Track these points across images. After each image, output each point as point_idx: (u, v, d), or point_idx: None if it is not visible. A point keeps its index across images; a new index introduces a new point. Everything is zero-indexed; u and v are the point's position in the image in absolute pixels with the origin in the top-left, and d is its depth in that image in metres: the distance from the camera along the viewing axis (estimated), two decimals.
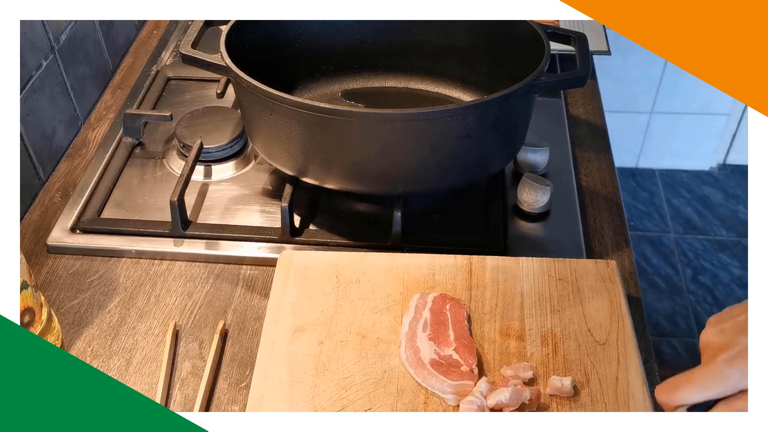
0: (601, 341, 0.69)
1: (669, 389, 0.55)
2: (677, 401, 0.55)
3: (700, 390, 0.54)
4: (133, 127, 0.96)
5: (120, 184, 0.91)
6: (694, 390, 0.54)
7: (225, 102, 1.03)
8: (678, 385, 0.55)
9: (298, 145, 0.78)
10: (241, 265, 0.83)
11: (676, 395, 0.54)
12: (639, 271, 0.84)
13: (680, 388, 0.54)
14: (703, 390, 0.54)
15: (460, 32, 0.93)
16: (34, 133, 0.91)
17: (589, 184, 0.93)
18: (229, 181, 0.92)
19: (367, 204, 0.88)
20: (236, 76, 0.77)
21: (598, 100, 1.09)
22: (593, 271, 0.75)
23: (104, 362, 0.73)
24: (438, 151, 0.77)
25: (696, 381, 0.54)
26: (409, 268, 0.76)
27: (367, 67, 0.99)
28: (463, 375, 0.65)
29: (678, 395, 0.54)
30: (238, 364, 0.73)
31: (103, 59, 1.10)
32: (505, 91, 0.74)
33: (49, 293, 0.79)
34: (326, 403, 0.64)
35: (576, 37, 0.84)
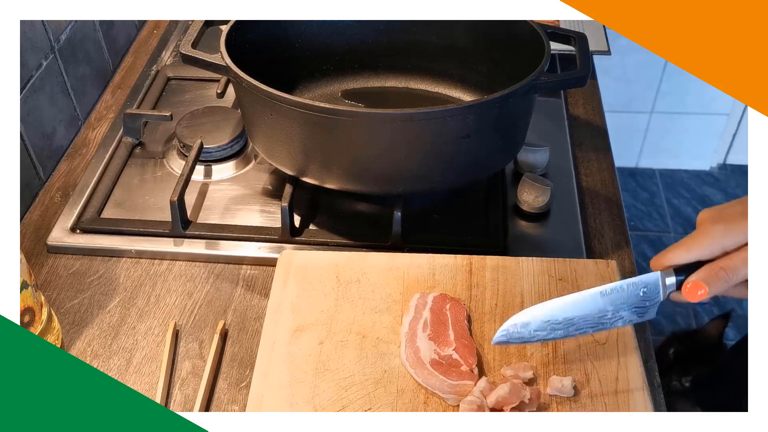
0: (601, 341, 0.69)
1: (662, 253, 0.61)
2: (668, 260, 0.60)
3: (688, 248, 0.59)
4: (133, 126, 0.96)
5: (120, 183, 0.91)
6: (682, 249, 0.60)
7: (225, 102, 1.03)
8: (669, 249, 0.60)
9: (298, 145, 0.78)
10: (241, 265, 0.83)
11: (666, 256, 0.60)
12: (639, 271, 0.84)
13: (671, 249, 0.60)
14: (690, 247, 0.59)
15: (460, 32, 0.93)
16: (34, 133, 0.91)
17: (589, 184, 0.93)
18: (229, 181, 0.92)
19: (367, 204, 0.88)
20: (236, 76, 0.77)
21: (598, 100, 1.09)
22: (593, 271, 0.75)
23: (104, 362, 0.73)
24: (438, 151, 0.77)
25: (684, 241, 0.60)
26: (409, 268, 0.76)
27: (367, 67, 0.99)
28: (463, 375, 0.65)
29: (669, 255, 0.60)
30: (238, 364, 0.73)
31: (103, 59, 1.10)
32: (505, 91, 0.74)
33: (49, 293, 0.79)
34: (326, 403, 0.64)
35: (576, 37, 0.84)
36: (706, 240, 0.59)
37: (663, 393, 0.72)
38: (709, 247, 0.58)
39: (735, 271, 0.57)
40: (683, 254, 0.59)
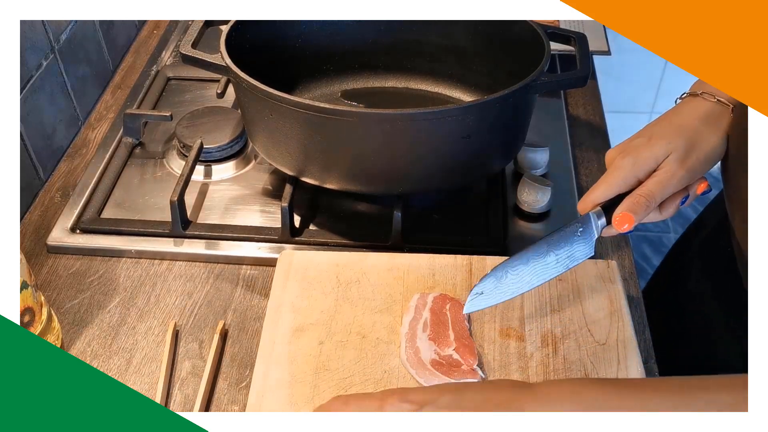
0: (601, 341, 0.69)
1: (585, 196, 0.66)
2: (591, 200, 0.65)
3: (606, 185, 0.65)
4: (133, 126, 0.96)
5: (120, 184, 0.91)
6: (601, 187, 0.65)
7: (225, 102, 1.03)
8: (591, 191, 0.66)
9: (298, 145, 0.78)
10: (241, 265, 0.83)
11: (590, 197, 0.66)
12: (639, 272, 0.84)
13: (592, 191, 0.66)
14: (607, 184, 0.65)
15: (460, 32, 0.93)
16: (34, 133, 0.91)
17: (589, 185, 0.93)
18: (229, 181, 0.92)
19: (367, 204, 0.88)
20: (236, 76, 0.77)
21: (598, 100, 1.09)
22: (593, 271, 0.75)
23: (104, 362, 0.73)
24: (438, 151, 0.77)
25: (602, 180, 0.65)
26: (409, 268, 0.76)
27: (367, 67, 0.99)
28: (464, 374, 0.65)
29: (591, 195, 0.65)
30: (238, 364, 0.73)
31: (103, 59, 1.10)
32: (505, 91, 0.74)
33: (49, 293, 0.79)
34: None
35: (576, 37, 0.84)
36: (619, 173, 0.65)
37: None
38: (624, 179, 0.65)
39: (652, 195, 0.64)
40: (604, 191, 0.65)
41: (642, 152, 0.64)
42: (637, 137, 0.67)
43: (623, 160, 0.65)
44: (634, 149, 0.65)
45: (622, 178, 0.64)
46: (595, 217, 0.66)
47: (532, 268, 0.65)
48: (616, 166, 0.65)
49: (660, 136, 0.65)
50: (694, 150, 0.64)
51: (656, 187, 0.64)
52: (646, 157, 0.64)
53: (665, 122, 0.68)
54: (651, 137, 0.66)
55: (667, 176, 0.64)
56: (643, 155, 0.64)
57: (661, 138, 0.65)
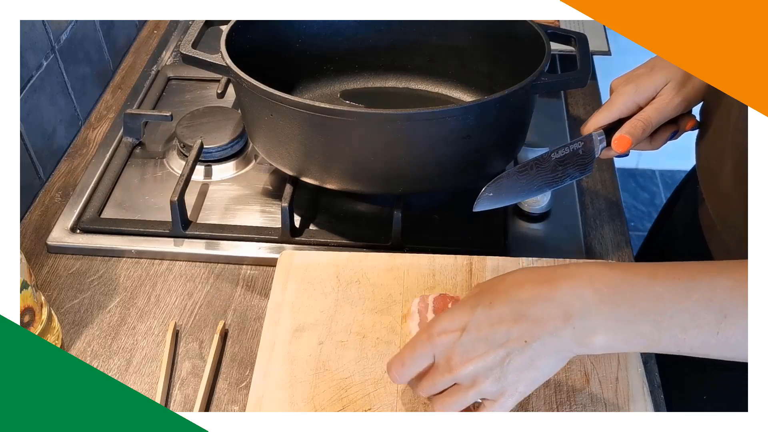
0: None
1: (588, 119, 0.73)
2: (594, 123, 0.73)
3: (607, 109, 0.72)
4: (133, 126, 0.96)
5: (120, 184, 0.91)
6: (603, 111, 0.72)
7: (225, 102, 1.03)
8: (594, 114, 0.73)
9: (298, 145, 0.78)
10: (241, 265, 0.83)
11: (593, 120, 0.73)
12: None
13: (595, 115, 0.73)
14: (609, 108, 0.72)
15: (460, 32, 0.93)
16: (34, 133, 0.91)
17: (589, 185, 0.93)
18: (229, 181, 0.92)
19: (367, 204, 0.88)
20: (236, 76, 0.77)
21: (598, 101, 1.09)
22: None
23: (104, 362, 0.73)
24: (438, 151, 0.77)
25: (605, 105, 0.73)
26: (409, 268, 0.76)
27: (367, 67, 0.99)
28: None
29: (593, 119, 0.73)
30: (238, 364, 0.73)
31: (103, 59, 1.10)
32: (505, 91, 0.74)
33: (49, 293, 0.79)
34: (326, 403, 0.64)
35: (576, 37, 0.84)
36: (621, 99, 0.71)
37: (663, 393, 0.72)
38: (625, 104, 0.71)
39: (649, 120, 0.70)
40: (606, 115, 0.71)
41: (643, 80, 0.70)
42: (641, 68, 0.73)
43: (625, 87, 0.71)
44: (636, 78, 0.71)
45: (623, 102, 0.70)
46: (597, 138, 0.71)
47: (536, 175, 0.70)
48: (618, 92, 0.71)
49: (661, 66, 0.71)
50: (690, 79, 0.69)
51: (654, 112, 0.69)
52: (646, 84, 0.70)
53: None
54: (653, 68, 0.71)
55: (665, 102, 0.70)
56: (644, 83, 0.70)
57: (661, 68, 0.71)
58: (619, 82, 0.73)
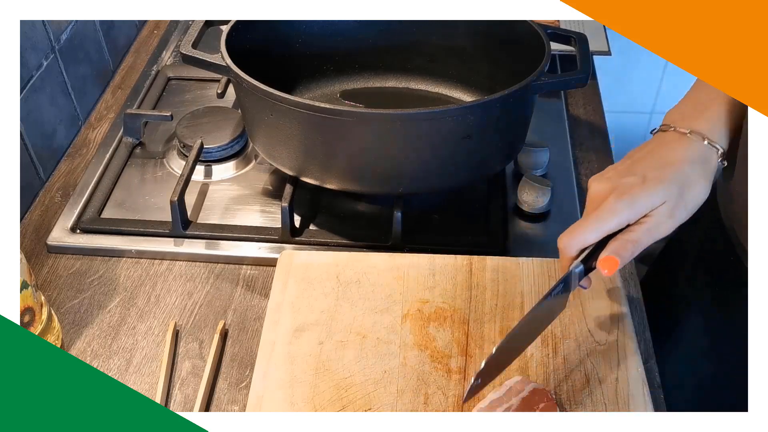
0: (601, 342, 0.69)
1: (570, 234, 0.62)
2: (580, 243, 0.62)
3: (596, 228, 0.61)
4: (133, 126, 0.96)
5: (120, 184, 0.91)
6: (591, 229, 0.61)
7: (225, 102, 1.03)
8: (578, 229, 0.62)
9: (299, 145, 0.78)
10: (241, 265, 0.83)
11: (577, 236, 0.62)
12: (637, 272, 0.84)
13: (580, 230, 0.61)
14: (598, 228, 0.61)
15: (460, 32, 0.93)
16: (34, 133, 0.91)
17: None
18: (229, 181, 0.92)
19: (367, 204, 0.88)
20: (237, 76, 0.77)
21: (599, 101, 1.09)
22: (593, 271, 0.75)
23: (104, 362, 0.73)
24: (438, 151, 0.77)
25: (591, 221, 0.61)
26: (409, 268, 0.76)
27: (367, 67, 0.99)
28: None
29: (579, 236, 0.62)
30: (238, 364, 0.73)
31: (103, 59, 1.10)
32: (505, 91, 0.74)
33: (49, 293, 0.79)
34: (326, 403, 0.64)
35: (576, 37, 0.84)
36: (614, 218, 0.61)
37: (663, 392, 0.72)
38: (617, 224, 0.61)
39: (640, 242, 0.61)
40: (596, 233, 0.62)
41: (639, 197, 0.61)
42: (628, 174, 0.63)
43: (617, 202, 0.61)
44: (627, 190, 0.61)
45: (616, 223, 0.61)
46: (576, 273, 0.63)
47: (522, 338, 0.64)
48: (609, 208, 0.61)
49: (655, 179, 0.61)
50: (683, 198, 0.62)
51: (645, 235, 0.61)
52: (643, 203, 0.61)
53: (657, 161, 0.63)
54: (645, 179, 0.61)
55: (656, 225, 0.61)
56: (640, 201, 0.61)
57: (657, 182, 0.61)
58: (605, 190, 0.62)
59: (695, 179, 0.63)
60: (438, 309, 0.72)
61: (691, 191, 0.63)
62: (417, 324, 0.71)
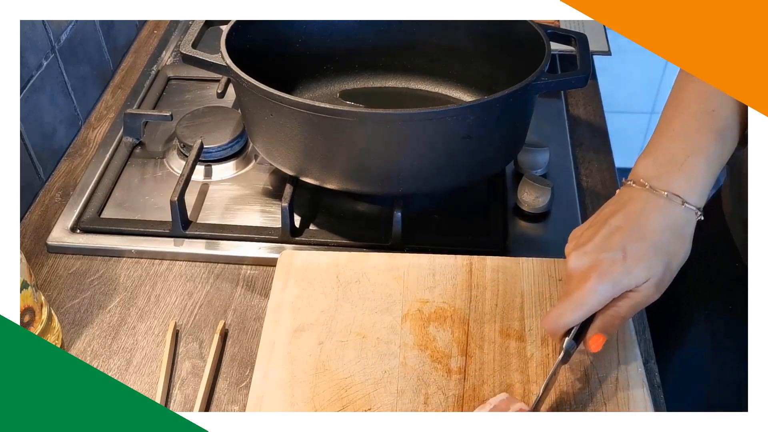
0: None
1: (554, 317, 0.61)
2: (565, 325, 0.61)
3: (580, 310, 0.60)
4: (133, 126, 0.96)
5: (120, 183, 0.91)
6: (576, 310, 0.60)
7: (225, 102, 1.03)
8: (561, 312, 0.61)
9: (299, 145, 0.78)
10: (241, 265, 0.83)
11: (561, 320, 0.61)
12: None
13: (564, 313, 0.61)
14: (583, 308, 0.60)
15: (460, 32, 0.93)
16: (34, 133, 0.91)
17: (589, 185, 0.93)
18: (229, 181, 0.92)
19: (367, 204, 0.88)
20: (236, 76, 0.77)
21: (599, 101, 1.09)
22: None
23: (104, 362, 0.73)
24: (438, 151, 0.77)
25: (576, 302, 0.60)
26: (409, 268, 0.76)
27: (367, 67, 0.99)
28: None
29: (564, 320, 0.61)
30: (238, 364, 0.73)
31: (103, 59, 1.10)
32: (505, 91, 0.74)
33: (49, 293, 0.79)
34: (326, 403, 0.64)
35: (576, 37, 0.84)
36: (596, 299, 0.60)
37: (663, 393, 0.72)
38: (600, 304, 0.60)
39: (625, 317, 0.61)
40: (579, 314, 0.60)
41: (621, 278, 0.59)
42: (607, 248, 0.60)
43: (600, 284, 0.59)
44: (609, 269, 0.59)
45: (598, 303, 0.60)
46: (569, 347, 0.62)
47: None
48: (592, 290, 0.59)
49: (637, 257, 0.59)
50: (668, 271, 0.61)
51: (630, 310, 0.61)
52: (626, 283, 0.59)
53: (636, 231, 0.61)
54: (626, 256, 0.59)
55: (643, 300, 0.61)
56: (623, 282, 0.59)
57: (639, 260, 0.59)
58: (586, 268, 0.60)
59: (678, 247, 0.61)
60: (438, 309, 0.72)
61: (675, 261, 0.61)
62: (417, 324, 0.71)
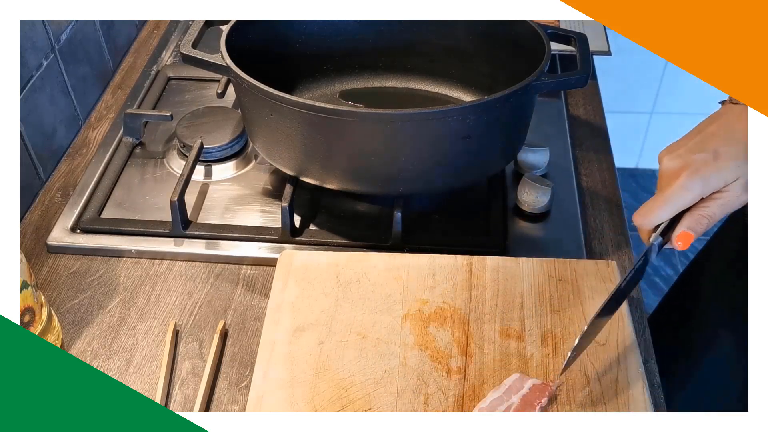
0: (601, 342, 0.69)
1: (644, 212, 0.63)
2: (654, 220, 0.63)
3: (669, 206, 0.62)
4: (133, 126, 0.96)
5: (120, 183, 0.91)
6: (665, 207, 0.62)
7: (225, 102, 1.03)
8: (652, 207, 0.63)
9: (298, 145, 0.78)
10: (241, 265, 0.83)
11: (651, 215, 0.63)
12: None
13: (654, 208, 0.63)
14: (673, 204, 0.62)
15: (460, 32, 0.93)
16: (34, 133, 0.91)
17: (589, 185, 0.93)
18: (229, 181, 0.92)
19: (367, 204, 0.88)
20: (236, 76, 0.77)
21: (599, 101, 1.09)
22: (593, 271, 0.75)
23: (104, 362, 0.73)
24: (438, 151, 0.77)
25: (666, 198, 0.62)
26: (409, 268, 0.76)
27: (367, 67, 0.99)
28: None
29: (653, 214, 0.63)
30: (238, 364, 0.73)
31: (103, 59, 1.10)
32: (505, 91, 0.74)
33: (49, 293, 0.79)
34: (326, 403, 0.64)
35: (576, 37, 0.84)
36: (687, 195, 0.62)
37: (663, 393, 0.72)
38: (691, 201, 0.62)
39: (714, 216, 0.62)
40: (669, 210, 0.63)
41: (712, 174, 0.61)
42: (699, 150, 0.62)
43: (690, 180, 0.61)
44: (700, 168, 0.61)
45: (689, 200, 0.62)
46: (656, 245, 0.64)
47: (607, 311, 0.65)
48: (682, 186, 0.61)
49: (727, 156, 0.61)
50: None
51: (720, 209, 0.62)
52: (716, 180, 0.61)
53: (728, 135, 0.63)
54: (717, 156, 0.61)
55: (732, 199, 0.62)
56: (713, 179, 0.61)
57: (730, 159, 0.61)
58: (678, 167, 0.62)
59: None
60: (438, 309, 0.72)
61: None
62: (417, 324, 0.71)
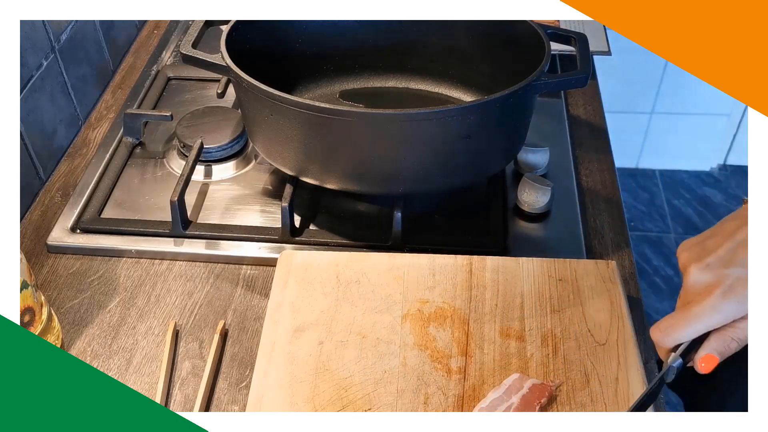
0: (601, 342, 0.69)
1: (665, 328, 0.56)
2: (677, 339, 0.56)
3: (698, 325, 0.55)
4: (133, 126, 0.96)
5: (120, 183, 0.91)
6: (692, 326, 0.55)
7: (225, 102, 1.03)
8: (675, 325, 0.56)
9: (298, 145, 0.78)
10: (241, 265, 0.83)
11: (673, 333, 0.56)
12: (639, 272, 0.84)
13: (677, 326, 0.56)
14: (699, 325, 0.55)
15: (460, 32, 0.93)
16: (34, 133, 0.91)
17: (589, 185, 0.93)
18: (229, 181, 0.92)
19: (367, 204, 0.88)
20: (236, 76, 0.77)
21: (599, 101, 1.09)
22: (593, 271, 0.75)
23: (104, 362, 0.73)
24: (438, 151, 0.77)
25: (693, 317, 0.55)
26: (409, 268, 0.76)
27: (367, 67, 0.99)
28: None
29: (676, 334, 0.56)
30: (238, 364, 0.73)
31: (103, 59, 1.10)
32: (505, 91, 0.74)
33: (49, 293, 0.79)
34: (326, 403, 0.64)
35: (576, 37, 0.84)
36: (718, 317, 0.55)
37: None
38: (722, 323, 0.55)
39: (744, 340, 0.56)
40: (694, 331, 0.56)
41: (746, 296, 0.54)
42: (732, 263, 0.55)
43: (724, 302, 0.54)
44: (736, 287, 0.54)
45: (720, 321, 0.55)
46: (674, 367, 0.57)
47: None
48: (714, 307, 0.54)
49: None
50: None
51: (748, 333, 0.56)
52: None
53: None
54: None
55: None
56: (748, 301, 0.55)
57: None
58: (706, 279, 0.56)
59: None
60: (438, 309, 0.72)
61: None
62: (417, 324, 0.71)
